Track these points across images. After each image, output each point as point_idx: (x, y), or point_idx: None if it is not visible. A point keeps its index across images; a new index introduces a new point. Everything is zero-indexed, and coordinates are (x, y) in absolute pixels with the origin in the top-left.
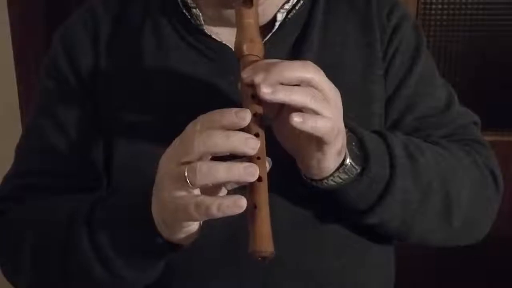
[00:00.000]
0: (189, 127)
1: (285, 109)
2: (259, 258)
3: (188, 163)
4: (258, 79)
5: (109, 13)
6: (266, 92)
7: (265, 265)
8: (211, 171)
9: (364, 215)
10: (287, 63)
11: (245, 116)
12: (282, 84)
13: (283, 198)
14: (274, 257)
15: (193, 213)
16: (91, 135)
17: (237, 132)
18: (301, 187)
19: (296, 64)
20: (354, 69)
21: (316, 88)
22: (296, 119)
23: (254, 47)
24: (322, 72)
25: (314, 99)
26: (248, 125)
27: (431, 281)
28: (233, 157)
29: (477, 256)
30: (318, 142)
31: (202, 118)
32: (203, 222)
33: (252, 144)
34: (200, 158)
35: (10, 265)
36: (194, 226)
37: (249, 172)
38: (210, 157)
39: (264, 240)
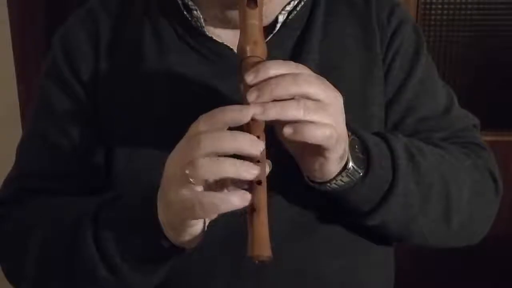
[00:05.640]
0: (192, 128)
1: None
2: (257, 262)
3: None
4: (250, 98)
5: (109, 15)
6: (256, 113)
7: (264, 265)
8: (213, 165)
9: (366, 217)
10: (277, 80)
11: (248, 112)
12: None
13: (282, 197)
14: (271, 260)
15: (198, 210)
16: (91, 137)
17: (244, 133)
18: (301, 187)
19: (287, 79)
20: (354, 71)
21: (311, 99)
22: (288, 130)
23: (257, 49)
24: (316, 80)
25: (307, 111)
26: (249, 128)
27: (431, 282)
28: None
29: (477, 257)
30: (319, 148)
31: (203, 118)
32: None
33: (258, 146)
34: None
35: (14, 268)
36: (199, 226)
37: (250, 166)
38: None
39: (262, 245)
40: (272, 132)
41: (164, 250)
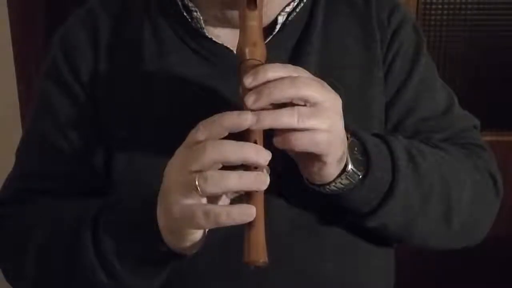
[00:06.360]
0: (191, 135)
1: None
2: (253, 267)
3: (198, 171)
4: (248, 102)
5: (109, 15)
6: (250, 123)
7: (260, 270)
8: (223, 180)
9: (366, 219)
10: (275, 84)
11: (247, 117)
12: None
13: (282, 199)
14: (267, 265)
15: (201, 221)
16: (91, 137)
17: (250, 143)
18: (301, 188)
19: (286, 82)
20: (354, 71)
21: (309, 103)
22: (278, 140)
23: (256, 51)
24: (315, 82)
25: (302, 118)
26: (247, 132)
27: (431, 282)
28: (224, 167)
29: (477, 257)
30: (314, 153)
31: (202, 124)
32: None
33: (265, 156)
34: (210, 167)
35: (13, 269)
36: (198, 234)
37: (260, 180)
38: (220, 166)
39: (257, 250)
40: (271, 134)
41: (163, 254)
